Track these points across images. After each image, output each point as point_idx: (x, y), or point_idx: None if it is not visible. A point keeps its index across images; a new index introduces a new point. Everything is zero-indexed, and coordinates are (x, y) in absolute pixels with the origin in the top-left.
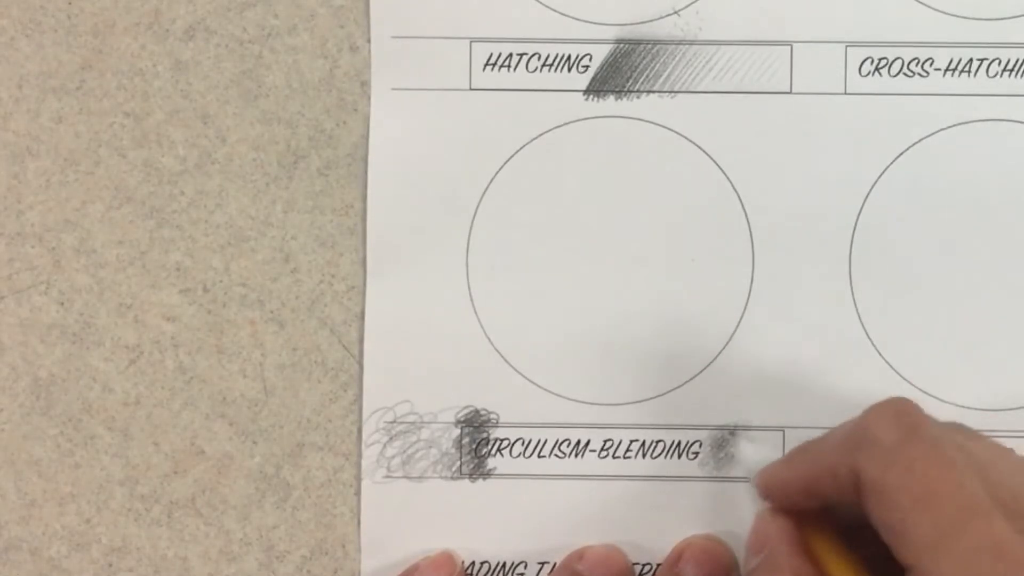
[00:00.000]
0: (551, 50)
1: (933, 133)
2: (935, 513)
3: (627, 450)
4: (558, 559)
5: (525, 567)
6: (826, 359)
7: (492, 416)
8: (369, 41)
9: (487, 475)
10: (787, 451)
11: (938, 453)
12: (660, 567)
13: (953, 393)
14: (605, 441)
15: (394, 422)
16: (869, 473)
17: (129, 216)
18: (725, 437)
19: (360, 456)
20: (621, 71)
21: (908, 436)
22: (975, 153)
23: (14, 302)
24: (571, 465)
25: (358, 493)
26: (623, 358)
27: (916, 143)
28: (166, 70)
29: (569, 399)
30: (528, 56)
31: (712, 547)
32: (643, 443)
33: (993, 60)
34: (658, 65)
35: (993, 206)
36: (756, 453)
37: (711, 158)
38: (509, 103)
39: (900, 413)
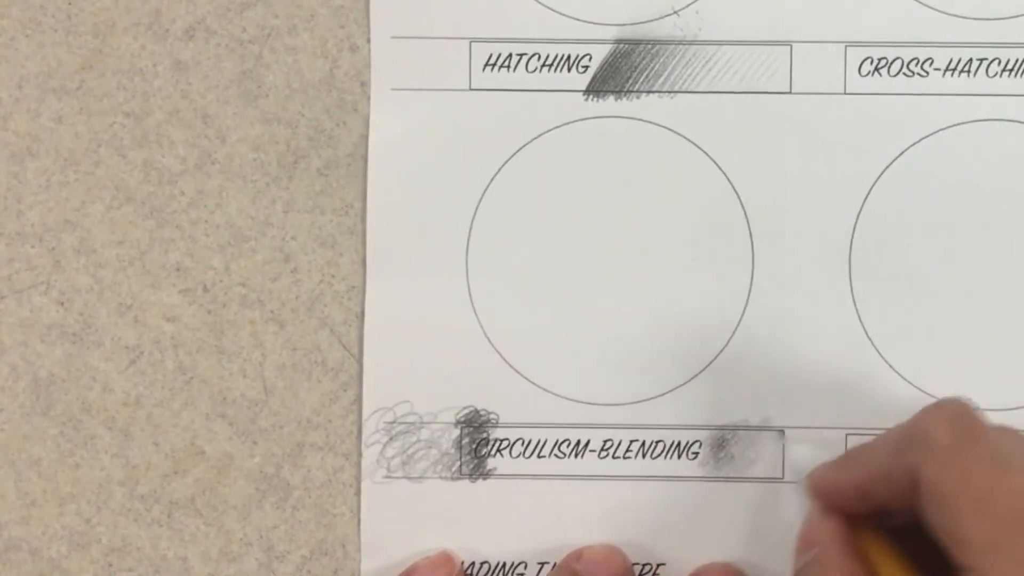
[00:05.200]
0: (551, 50)
1: (933, 133)
2: (993, 517)
3: (627, 450)
4: (558, 559)
5: (525, 567)
6: (826, 359)
7: (492, 416)
8: (369, 41)
9: (487, 475)
10: (839, 454)
11: (995, 456)
12: None
13: (953, 393)
14: (605, 441)
15: (394, 422)
16: (926, 475)
17: (129, 216)
18: (725, 437)
19: (360, 456)
20: (621, 71)
21: (965, 439)
22: (975, 153)
23: (14, 302)
24: (571, 465)
25: (358, 493)
26: (623, 358)
27: (916, 143)
28: (166, 70)
29: (569, 399)
30: (528, 56)
31: (728, 574)
32: (643, 443)
33: (993, 60)
34: (658, 65)
35: (993, 206)
36: (757, 453)
37: (711, 158)
38: (509, 103)
39: (956, 415)
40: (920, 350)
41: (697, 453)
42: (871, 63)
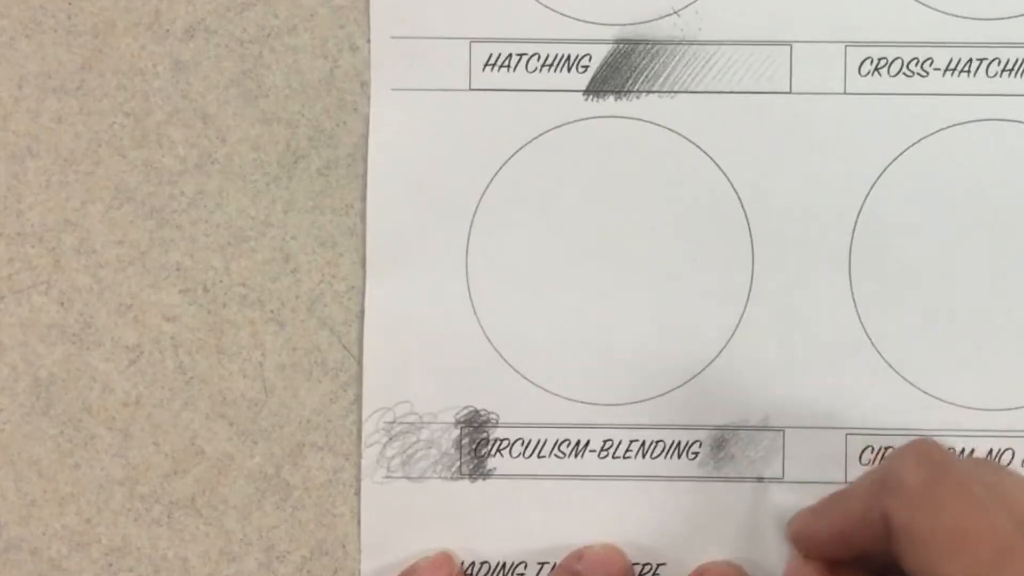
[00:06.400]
0: (551, 50)
1: (933, 133)
2: (967, 554)
3: (627, 450)
4: (558, 559)
5: (525, 567)
6: (826, 359)
7: (492, 416)
8: (369, 41)
9: (487, 475)
10: (817, 501)
11: (966, 493)
12: None
13: (953, 393)
14: (605, 441)
15: (394, 422)
16: (897, 517)
17: (129, 216)
18: (725, 437)
19: (360, 456)
20: (621, 71)
21: (934, 477)
22: (975, 153)
23: (14, 302)
24: (571, 465)
25: (358, 493)
26: (623, 358)
27: (916, 143)
28: (166, 70)
29: (569, 399)
30: (528, 56)
31: (729, 573)
32: (643, 443)
33: (993, 60)
34: (658, 65)
35: (993, 206)
36: (756, 453)
37: (711, 158)
38: (509, 103)
39: (924, 454)
40: (920, 350)
41: (697, 453)
42: (871, 63)
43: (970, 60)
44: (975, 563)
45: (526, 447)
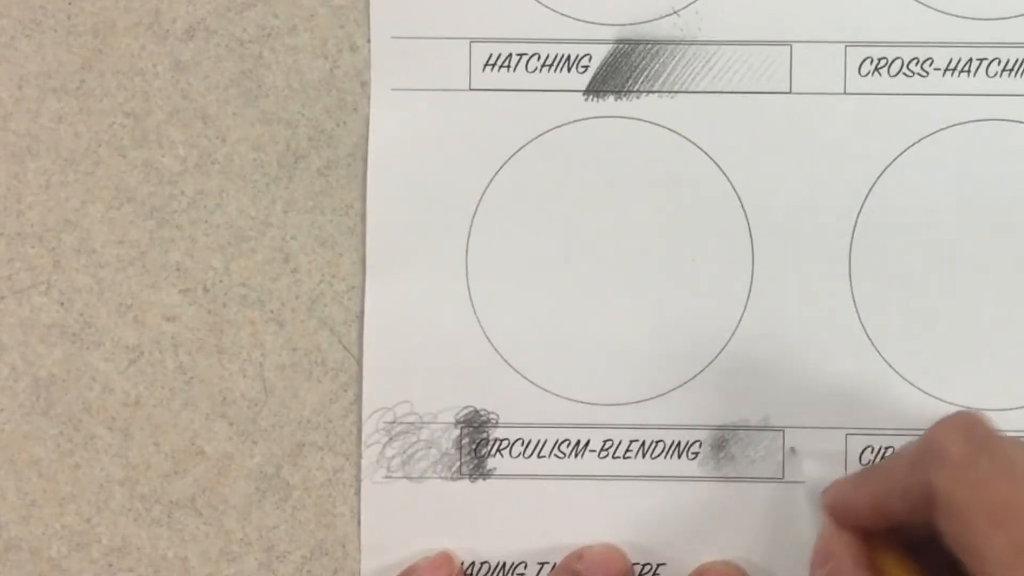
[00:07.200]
0: (551, 50)
1: (933, 133)
2: (1010, 529)
3: (627, 450)
4: (558, 559)
5: (525, 567)
6: (826, 359)
7: (492, 416)
8: (369, 41)
9: (487, 475)
10: (855, 471)
11: (1009, 467)
12: None
13: (953, 393)
14: (605, 441)
15: (394, 422)
16: (940, 488)
17: (129, 216)
18: (725, 437)
19: (360, 456)
20: (621, 71)
21: (979, 451)
22: (975, 153)
23: (14, 302)
24: (571, 465)
25: (358, 493)
26: (623, 358)
27: (916, 143)
28: (166, 70)
29: (569, 399)
30: (528, 56)
31: (729, 573)
32: (643, 443)
33: (993, 60)
34: (658, 65)
35: (993, 206)
36: (756, 453)
37: (711, 158)
38: (509, 103)
39: (969, 427)
40: (920, 350)
41: (697, 453)
42: (871, 63)
43: (970, 60)
44: (1015, 536)
45: (526, 447)
